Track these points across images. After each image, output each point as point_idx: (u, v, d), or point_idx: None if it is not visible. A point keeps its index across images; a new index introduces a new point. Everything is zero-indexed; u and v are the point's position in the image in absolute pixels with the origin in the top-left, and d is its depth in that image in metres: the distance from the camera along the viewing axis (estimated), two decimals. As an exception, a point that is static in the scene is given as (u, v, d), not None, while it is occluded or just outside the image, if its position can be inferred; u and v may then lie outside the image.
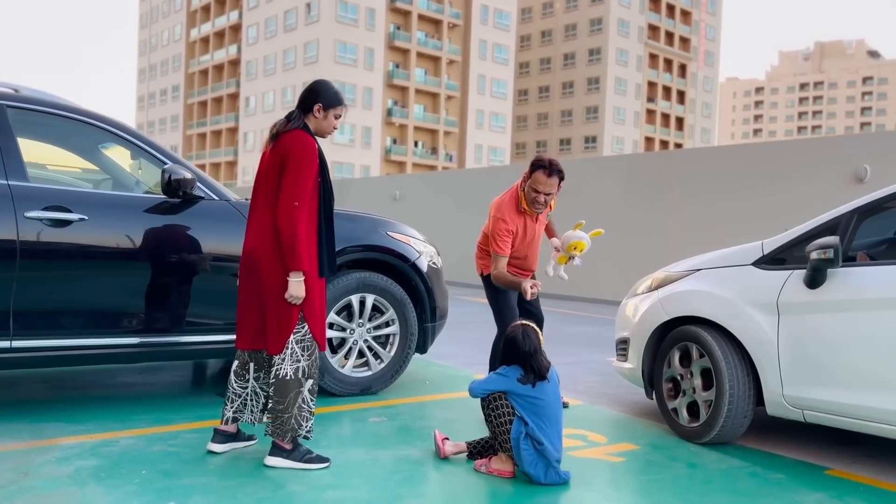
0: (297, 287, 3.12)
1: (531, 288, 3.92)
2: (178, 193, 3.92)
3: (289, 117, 3.26)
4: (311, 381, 3.24)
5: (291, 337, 3.18)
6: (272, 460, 3.17)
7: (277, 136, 3.22)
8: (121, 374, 5.00)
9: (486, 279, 4.40)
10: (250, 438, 3.47)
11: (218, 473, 3.07)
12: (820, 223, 3.55)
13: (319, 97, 3.27)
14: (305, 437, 3.26)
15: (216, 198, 4.15)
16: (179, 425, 3.78)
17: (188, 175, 3.92)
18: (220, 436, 3.38)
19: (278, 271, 3.15)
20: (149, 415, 3.96)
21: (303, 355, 3.21)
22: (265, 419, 3.32)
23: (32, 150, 4.41)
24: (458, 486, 3.07)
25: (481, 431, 3.57)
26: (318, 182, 3.22)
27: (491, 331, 3.48)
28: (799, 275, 3.48)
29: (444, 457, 3.36)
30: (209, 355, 4.24)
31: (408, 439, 3.70)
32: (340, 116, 3.33)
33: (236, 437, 3.41)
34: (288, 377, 3.18)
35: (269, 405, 3.22)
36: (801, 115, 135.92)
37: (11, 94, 3.83)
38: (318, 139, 3.30)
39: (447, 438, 3.44)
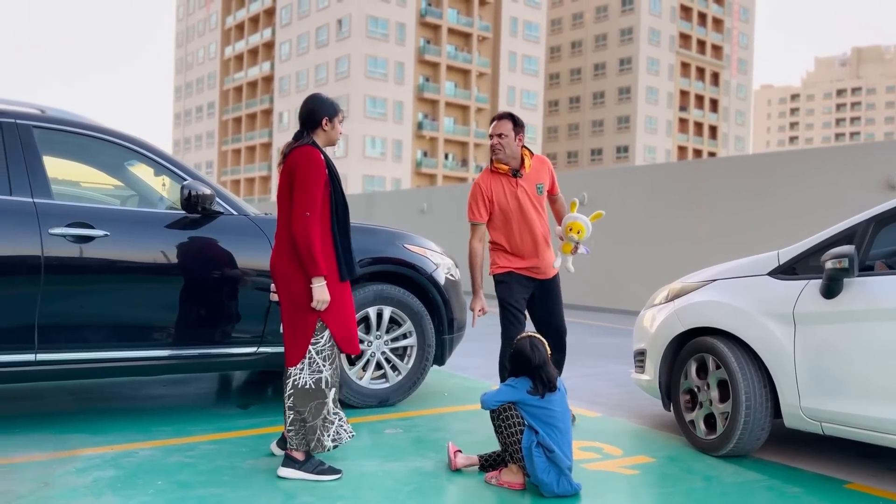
0: (320, 292, 3.19)
1: (478, 312, 3.89)
2: (197, 209, 4.01)
3: (296, 137, 3.37)
4: (334, 391, 3.29)
5: (310, 347, 3.23)
6: (285, 471, 3.21)
7: (286, 155, 3.32)
8: (146, 387, 5.10)
9: (495, 281, 4.30)
10: None
11: (231, 485, 3.11)
12: (836, 232, 3.50)
13: (325, 111, 3.37)
14: (328, 448, 3.26)
15: (235, 213, 4.23)
16: (198, 437, 3.84)
17: (207, 191, 4.00)
18: (284, 440, 3.47)
19: (291, 282, 3.23)
20: (170, 426, 4.03)
21: (324, 365, 3.26)
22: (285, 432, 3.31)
23: (60, 168, 4.55)
24: (467, 498, 3.08)
25: (497, 444, 3.56)
26: (329, 191, 3.29)
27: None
28: (815, 285, 3.43)
29: (456, 469, 3.37)
30: (230, 367, 4.31)
31: (422, 451, 3.71)
32: (342, 121, 3.46)
33: None
34: (308, 387, 3.22)
35: (290, 417, 3.23)
36: (838, 121, 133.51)
37: (38, 114, 3.96)
38: (328, 151, 3.41)
39: (459, 451, 3.44)
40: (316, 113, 3.35)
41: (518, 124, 4.14)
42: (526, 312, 4.31)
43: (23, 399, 4.62)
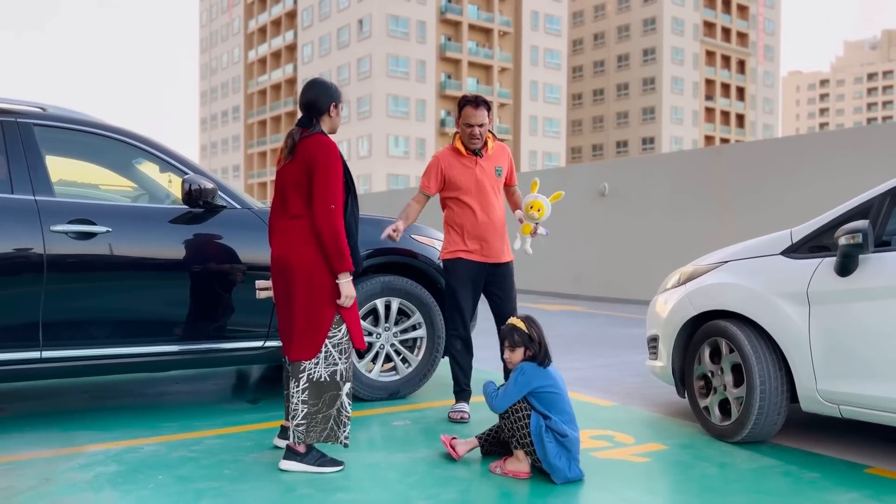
0: (348, 287, 3.16)
1: (391, 231, 3.88)
2: (198, 203, 3.98)
3: (303, 124, 3.28)
4: (348, 385, 3.23)
5: (327, 341, 3.18)
6: (286, 464, 3.17)
7: (296, 145, 3.23)
8: (156, 383, 5.10)
9: (443, 267, 4.21)
10: None
11: (231, 478, 3.08)
12: (850, 207, 3.37)
13: (331, 96, 3.30)
14: (344, 445, 3.23)
15: (238, 206, 4.20)
16: (204, 432, 3.82)
17: (209, 185, 3.97)
18: (285, 430, 3.48)
19: (314, 276, 3.15)
20: (177, 422, 4.02)
21: (340, 358, 3.21)
22: (292, 426, 3.20)
23: (69, 170, 4.57)
24: (469, 487, 3.01)
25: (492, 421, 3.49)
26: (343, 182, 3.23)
27: None
28: (829, 263, 3.30)
29: (460, 458, 3.30)
30: (238, 362, 4.29)
31: (428, 442, 3.65)
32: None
33: None
34: (323, 380, 3.17)
35: (303, 410, 3.16)
36: (869, 106, 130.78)
37: (38, 112, 3.96)
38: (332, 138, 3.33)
39: (455, 438, 3.37)
40: (322, 98, 3.27)
41: (491, 110, 4.09)
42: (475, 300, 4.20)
43: (30, 397, 4.64)
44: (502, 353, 3.32)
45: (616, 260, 12.74)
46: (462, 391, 4.20)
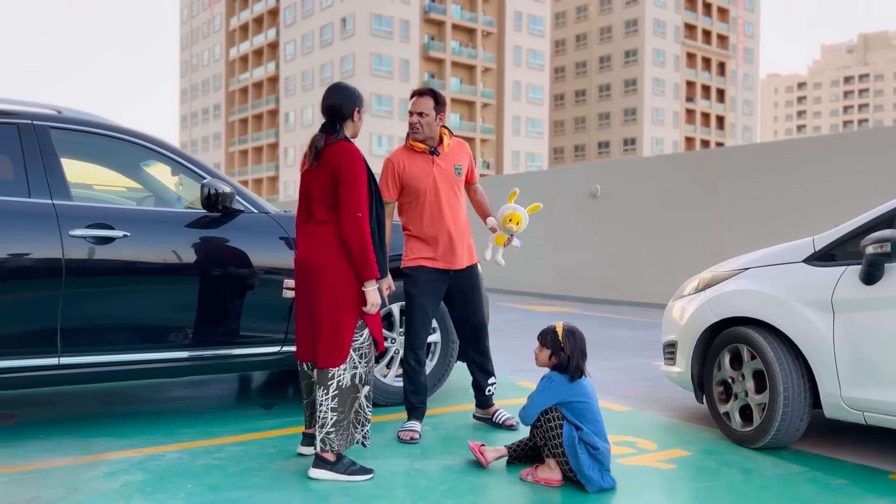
0: (374, 295, 3.16)
1: (386, 291, 3.43)
2: (217, 207, 3.94)
3: (326, 130, 3.26)
4: (367, 388, 3.22)
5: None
6: (316, 472, 3.14)
7: (320, 151, 3.21)
8: (167, 389, 5.05)
9: (403, 275, 3.94)
10: None
11: (262, 486, 3.05)
12: (875, 216, 3.41)
13: (355, 101, 3.28)
14: (362, 445, 3.24)
15: (255, 211, 4.17)
16: (224, 438, 3.78)
17: (227, 189, 3.94)
18: (308, 438, 3.45)
19: (342, 282, 3.14)
20: (194, 428, 3.98)
21: (360, 361, 3.20)
22: (322, 435, 3.15)
23: (77, 170, 4.50)
24: (504, 496, 3.00)
25: (522, 433, 3.49)
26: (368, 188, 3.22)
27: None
28: (854, 271, 3.34)
29: (488, 465, 3.30)
30: (255, 367, 4.26)
31: (451, 449, 3.64)
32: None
33: None
34: (345, 384, 3.16)
35: (332, 419, 3.12)
36: (846, 108, 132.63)
37: (54, 115, 3.90)
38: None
39: (484, 445, 3.37)
40: (346, 104, 3.25)
41: (440, 102, 3.84)
42: (436, 309, 3.97)
43: (44, 404, 4.57)
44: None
45: (607, 261, 12.80)
46: (415, 409, 3.94)
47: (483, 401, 4.12)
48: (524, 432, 3.85)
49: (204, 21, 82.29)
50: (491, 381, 4.10)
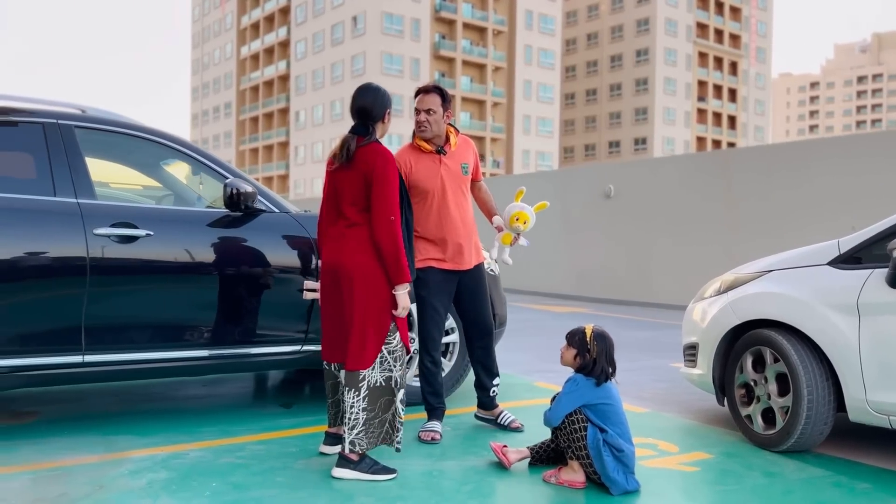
0: (405, 298, 3.17)
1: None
2: (240, 207, 3.95)
3: (359, 132, 3.25)
4: (402, 392, 3.23)
5: (383, 348, 3.18)
6: (340, 472, 3.15)
7: (353, 153, 3.20)
8: (186, 387, 5.07)
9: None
10: None
11: (287, 486, 3.06)
12: (901, 219, 3.38)
13: (387, 103, 3.30)
14: (396, 449, 3.24)
15: (277, 210, 4.18)
16: (245, 437, 3.80)
17: (249, 189, 3.95)
18: (331, 437, 3.47)
19: (375, 285, 3.15)
20: (215, 427, 3.99)
21: (395, 365, 3.21)
22: (351, 435, 3.15)
23: (96, 169, 4.52)
24: (528, 497, 3.00)
25: (544, 434, 3.49)
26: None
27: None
28: (880, 274, 3.31)
29: (510, 466, 3.30)
30: (276, 366, 4.27)
31: (472, 449, 3.65)
32: None
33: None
34: (379, 384, 3.17)
35: (363, 418, 3.13)
36: (859, 108, 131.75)
37: (79, 114, 3.92)
38: None
39: (506, 446, 3.37)
40: (378, 105, 3.26)
41: (446, 99, 3.79)
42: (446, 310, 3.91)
43: (61, 401, 4.60)
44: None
45: (621, 262, 12.77)
46: (434, 409, 3.92)
47: (487, 402, 4.10)
48: (529, 434, 3.86)
49: (215, 19, 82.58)
50: (496, 381, 4.09)
